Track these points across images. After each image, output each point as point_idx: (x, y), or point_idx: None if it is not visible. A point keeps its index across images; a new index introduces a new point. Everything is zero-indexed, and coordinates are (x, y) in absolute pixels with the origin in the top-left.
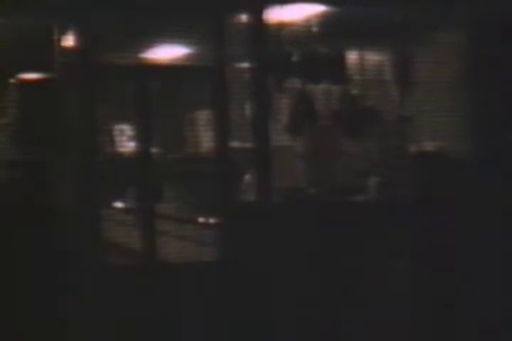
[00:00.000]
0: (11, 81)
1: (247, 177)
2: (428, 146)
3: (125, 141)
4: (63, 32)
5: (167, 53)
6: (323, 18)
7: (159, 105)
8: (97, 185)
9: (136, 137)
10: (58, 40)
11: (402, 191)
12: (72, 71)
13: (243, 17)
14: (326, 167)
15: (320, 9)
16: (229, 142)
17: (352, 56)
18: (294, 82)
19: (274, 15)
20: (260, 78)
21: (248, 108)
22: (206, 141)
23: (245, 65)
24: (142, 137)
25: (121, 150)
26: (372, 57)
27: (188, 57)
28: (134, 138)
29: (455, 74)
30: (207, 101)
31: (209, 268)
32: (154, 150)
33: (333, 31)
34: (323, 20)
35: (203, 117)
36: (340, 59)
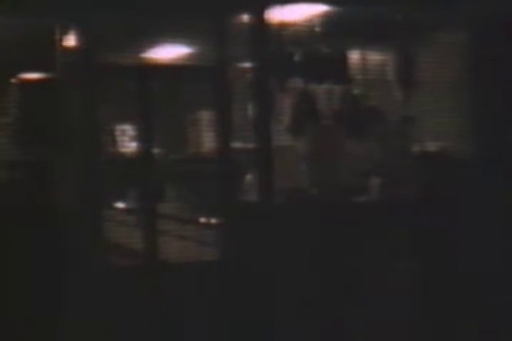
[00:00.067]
0: (13, 81)
1: (249, 177)
2: (431, 146)
3: (127, 141)
4: (65, 32)
5: (169, 53)
6: (325, 18)
7: (161, 105)
8: (99, 185)
9: (137, 137)
10: (60, 40)
11: (405, 191)
12: (73, 71)
13: (245, 17)
14: (328, 167)
15: (322, 9)
16: (231, 142)
17: (354, 56)
18: (296, 82)
19: (276, 15)
20: (262, 78)
21: (250, 108)
22: (208, 141)
23: (247, 65)
24: (144, 137)
25: (122, 150)
26: (374, 57)
27: (190, 57)
28: (136, 138)
29: (458, 74)
30: (209, 101)
31: (210, 268)
32: (156, 150)
33: (335, 31)
34: (325, 20)
35: (205, 117)
36: (342, 59)
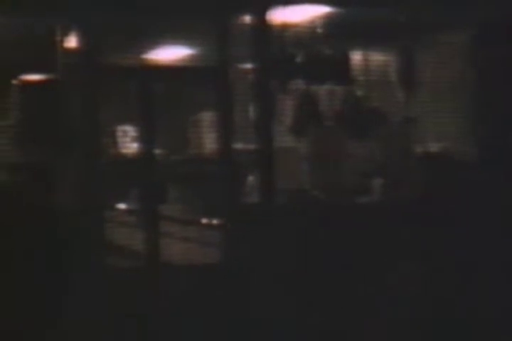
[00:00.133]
0: (14, 82)
1: (251, 178)
2: (433, 147)
3: (128, 142)
4: (66, 33)
5: (170, 54)
6: (327, 19)
7: (162, 106)
8: (100, 187)
9: (139, 138)
10: (61, 41)
11: (407, 192)
12: (75, 72)
13: (247, 18)
14: (330, 168)
15: (324, 10)
16: (232, 143)
17: (356, 57)
18: (298, 83)
19: (278, 16)
20: (264, 79)
21: (252, 109)
22: (210, 143)
23: (249, 66)
24: (145, 138)
25: (124, 151)
26: (376, 58)
27: (192, 58)
28: (137, 139)
29: (460, 75)
30: (210, 102)
31: (212, 269)
32: (158, 151)
33: (337, 32)
34: (327, 21)
35: (207, 118)
36: (344, 60)
